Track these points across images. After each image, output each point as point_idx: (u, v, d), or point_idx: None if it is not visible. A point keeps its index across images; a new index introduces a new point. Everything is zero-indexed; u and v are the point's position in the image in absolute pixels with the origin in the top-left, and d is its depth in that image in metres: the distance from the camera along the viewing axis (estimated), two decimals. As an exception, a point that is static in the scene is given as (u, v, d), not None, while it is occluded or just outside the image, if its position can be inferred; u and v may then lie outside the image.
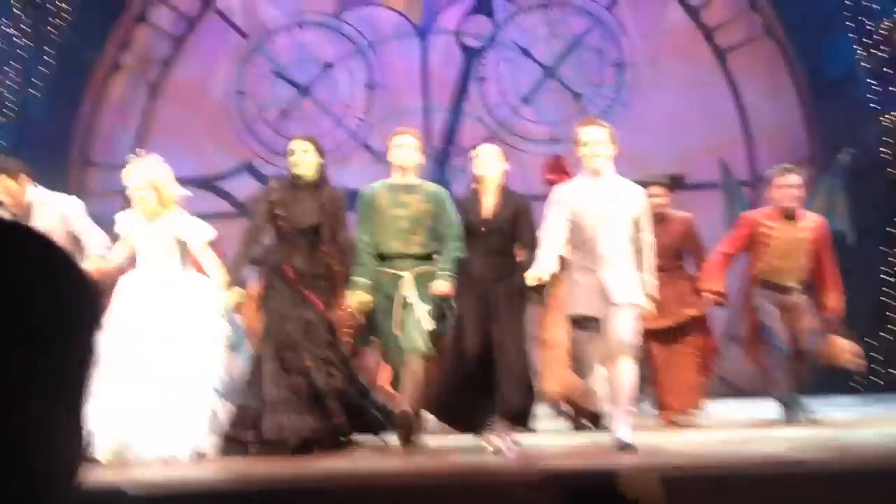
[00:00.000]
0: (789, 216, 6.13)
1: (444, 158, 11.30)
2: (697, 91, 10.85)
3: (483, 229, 5.13)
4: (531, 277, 4.60)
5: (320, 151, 5.25)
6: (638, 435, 5.10)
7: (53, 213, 5.25)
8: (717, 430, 5.79)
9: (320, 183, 5.20)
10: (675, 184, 6.64)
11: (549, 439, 5.42)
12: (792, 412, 5.98)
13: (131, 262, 5.18)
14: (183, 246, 5.00)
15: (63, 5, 10.93)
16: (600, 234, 4.74)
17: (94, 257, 5.14)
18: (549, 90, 11.28)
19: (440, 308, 4.99)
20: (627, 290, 4.74)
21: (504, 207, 5.22)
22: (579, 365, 4.98)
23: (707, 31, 11.07)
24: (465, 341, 5.09)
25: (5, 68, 10.72)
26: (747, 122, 10.87)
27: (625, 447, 4.53)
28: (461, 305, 5.11)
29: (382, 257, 5.06)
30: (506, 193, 5.33)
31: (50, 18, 10.91)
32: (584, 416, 5.87)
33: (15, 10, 10.65)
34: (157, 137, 11.52)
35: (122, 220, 5.15)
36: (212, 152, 11.42)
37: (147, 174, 4.99)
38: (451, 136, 11.29)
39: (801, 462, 3.92)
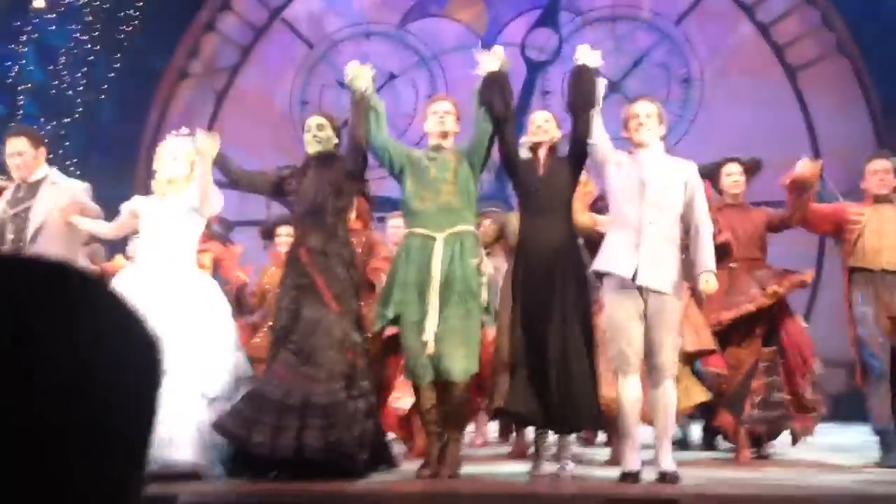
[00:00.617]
0: (881, 200, 5.48)
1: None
2: (766, 108, 10.63)
3: (538, 188, 4.62)
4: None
5: (337, 130, 4.84)
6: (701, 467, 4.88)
7: (62, 194, 4.99)
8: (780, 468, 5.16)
9: (333, 157, 4.76)
10: (751, 169, 5.99)
11: (605, 468, 5.05)
12: (889, 451, 5.10)
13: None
14: (192, 228, 4.69)
15: (133, 13, 11.11)
16: (645, 207, 4.32)
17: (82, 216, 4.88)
18: (614, 104, 11.11)
19: (477, 286, 4.45)
20: (666, 275, 4.27)
21: (558, 166, 4.69)
22: (612, 359, 4.38)
23: (777, 49, 10.85)
24: (527, 329, 4.47)
25: (77, 74, 10.92)
26: (816, 141, 10.62)
27: (669, 477, 4.18)
28: (519, 278, 4.57)
29: (411, 216, 4.63)
30: (558, 155, 4.81)
31: (120, 26, 11.10)
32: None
33: (86, 17, 10.85)
34: (221, 144, 11.62)
35: (132, 201, 4.92)
36: (274, 159, 11.44)
37: (189, 146, 4.79)
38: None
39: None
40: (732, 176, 5.82)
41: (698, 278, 4.42)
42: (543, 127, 4.77)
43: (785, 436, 5.68)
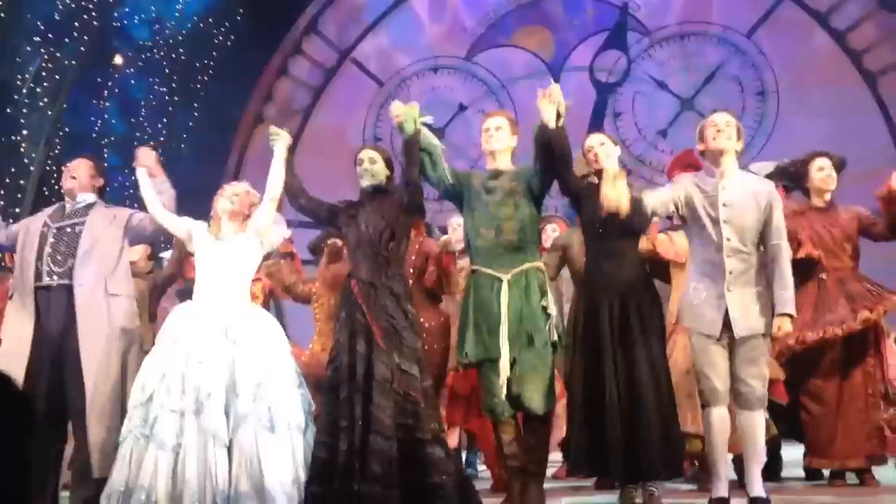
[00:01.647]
0: None
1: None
2: (846, 117, 10.37)
3: (601, 228, 4.41)
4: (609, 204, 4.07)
5: (390, 163, 4.68)
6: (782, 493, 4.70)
7: (113, 215, 4.80)
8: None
9: (389, 190, 4.60)
10: (837, 166, 5.38)
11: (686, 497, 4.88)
12: None
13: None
14: (249, 266, 4.58)
15: (208, 63, 11.42)
16: (724, 235, 4.11)
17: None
18: (687, 123, 11.00)
19: (545, 325, 4.32)
20: (753, 317, 4.10)
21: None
22: (700, 392, 4.23)
23: (854, 56, 10.60)
24: (591, 371, 4.32)
25: (157, 125, 11.26)
26: (901, 148, 10.32)
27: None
28: (583, 324, 4.43)
29: (474, 253, 4.49)
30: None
31: (196, 76, 11.42)
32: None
33: (165, 69, 11.20)
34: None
35: (196, 223, 4.67)
36: (350, 198, 11.64)
37: (249, 188, 4.69)
38: (587, 174, 11.18)
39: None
40: (825, 170, 5.25)
41: (773, 318, 4.17)
42: (602, 153, 4.50)
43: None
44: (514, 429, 4.42)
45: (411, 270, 5.36)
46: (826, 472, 5.32)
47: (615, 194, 4.14)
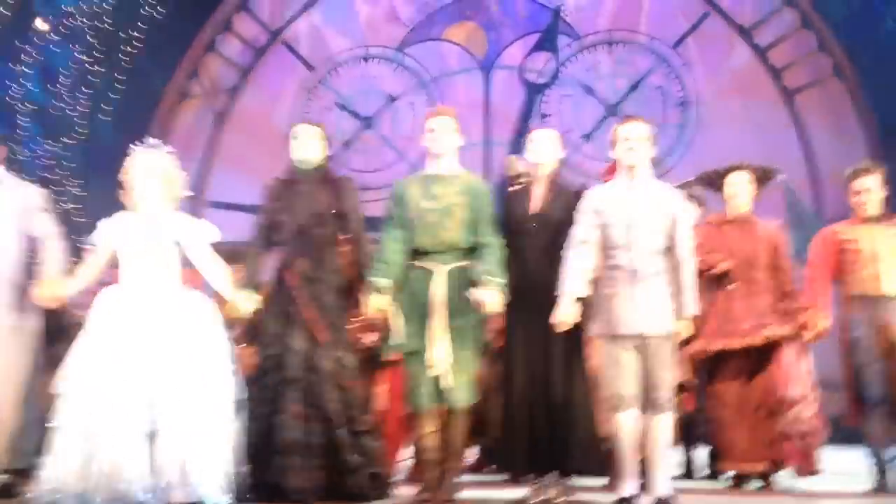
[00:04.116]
0: (871, 220, 5.11)
1: (504, 192, 11.27)
2: (763, 131, 10.69)
3: (533, 224, 4.51)
4: (558, 325, 4.16)
5: (326, 141, 4.60)
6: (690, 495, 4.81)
7: (14, 204, 4.61)
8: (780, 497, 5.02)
9: (327, 172, 4.54)
10: (764, 177, 5.45)
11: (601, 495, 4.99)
12: (882, 477, 4.96)
13: (111, 275, 4.26)
14: (179, 255, 4.15)
15: (135, 34, 11.18)
16: (632, 244, 4.18)
17: (49, 281, 4.37)
18: (612, 128, 11.20)
19: (480, 330, 4.42)
20: (660, 317, 4.18)
21: (557, 199, 4.53)
22: (609, 398, 4.26)
23: (774, 72, 10.93)
24: (517, 370, 4.46)
25: (77, 94, 10.98)
26: (813, 163, 10.68)
27: (665, 503, 4.12)
28: (511, 321, 4.52)
29: (413, 254, 4.42)
30: (559, 185, 4.63)
31: (122, 46, 11.16)
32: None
33: (89, 38, 10.92)
34: (221, 165, 11.71)
35: (104, 228, 4.22)
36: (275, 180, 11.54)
37: (159, 162, 4.23)
38: (511, 171, 11.28)
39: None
40: (733, 186, 5.36)
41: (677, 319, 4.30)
42: (543, 147, 4.61)
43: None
44: (433, 421, 4.42)
45: None
46: (730, 475, 5.47)
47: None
